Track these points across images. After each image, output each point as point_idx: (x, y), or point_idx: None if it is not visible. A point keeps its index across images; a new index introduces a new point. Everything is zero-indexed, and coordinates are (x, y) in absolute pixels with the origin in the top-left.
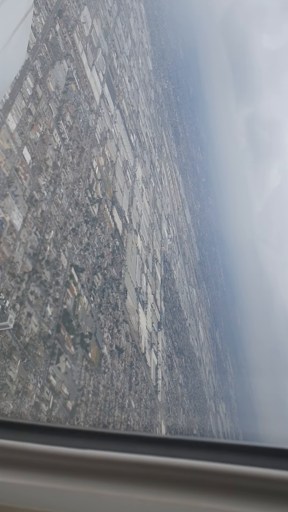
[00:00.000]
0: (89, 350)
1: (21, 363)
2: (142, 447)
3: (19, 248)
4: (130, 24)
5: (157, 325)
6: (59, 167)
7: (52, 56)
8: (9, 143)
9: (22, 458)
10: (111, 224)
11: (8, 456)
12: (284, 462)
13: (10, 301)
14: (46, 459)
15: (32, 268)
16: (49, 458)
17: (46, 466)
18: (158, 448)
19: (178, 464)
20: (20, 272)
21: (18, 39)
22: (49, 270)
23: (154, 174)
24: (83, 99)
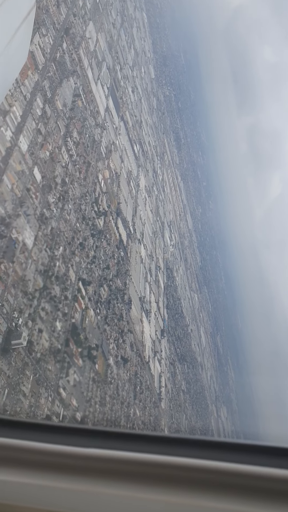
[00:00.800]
0: (96, 362)
1: (33, 378)
2: (144, 446)
3: (30, 266)
4: (133, 35)
5: (160, 333)
6: (67, 184)
7: (59, 75)
8: (21, 164)
9: (24, 456)
10: (116, 235)
11: (11, 455)
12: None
13: (23, 319)
14: (49, 458)
15: (43, 285)
16: (51, 457)
17: (48, 465)
18: (161, 447)
19: (181, 462)
20: (32, 290)
21: (21, 37)
22: (58, 285)
23: (156, 182)
24: (89, 114)
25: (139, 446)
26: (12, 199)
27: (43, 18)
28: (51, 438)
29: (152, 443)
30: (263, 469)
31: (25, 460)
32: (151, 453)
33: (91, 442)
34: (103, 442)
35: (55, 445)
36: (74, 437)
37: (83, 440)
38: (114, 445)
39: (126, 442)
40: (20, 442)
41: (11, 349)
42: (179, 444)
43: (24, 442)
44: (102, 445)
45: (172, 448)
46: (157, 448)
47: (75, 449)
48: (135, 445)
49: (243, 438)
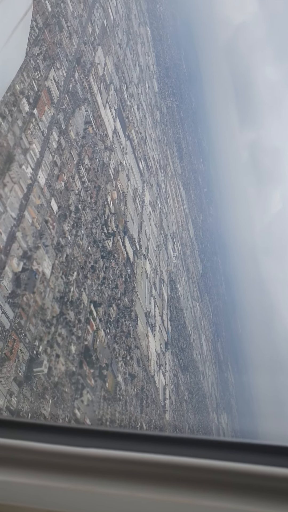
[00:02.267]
0: (106, 380)
1: (52, 402)
2: (144, 446)
3: (48, 294)
4: (137, 51)
5: (164, 345)
6: (80, 210)
7: (72, 105)
8: (40, 198)
9: (24, 457)
10: (124, 254)
11: (11, 455)
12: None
13: (43, 346)
14: (48, 458)
15: (59, 311)
16: (51, 457)
17: (48, 465)
18: (160, 447)
19: (181, 462)
20: (50, 317)
21: (18, 37)
22: (72, 310)
23: (160, 196)
24: (99, 138)
25: (139, 445)
26: (32, 232)
27: (57, 52)
28: (50, 438)
29: (151, 443)
30: (264, 468)
31: (25, 460)
32: (150, 452)
33: (91, 442)
34: (103, 442)
35: (55, 445)
36: (74, 437)
37: (82, 440)
38: (114, 445)
39: (126, 442)
40: (20, 443)
41: (33, 375)
42: (179, 444)
43: (24, 442)
44: (102, 445)
45: (171, 448)
46: (157, 448)
47: (75, 449)
48: (135, 445)
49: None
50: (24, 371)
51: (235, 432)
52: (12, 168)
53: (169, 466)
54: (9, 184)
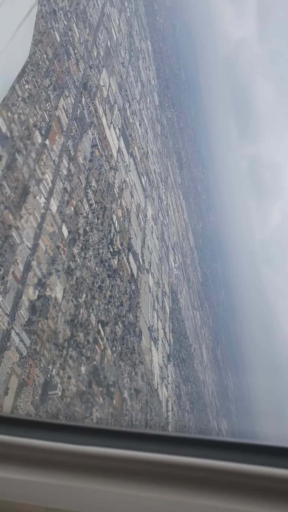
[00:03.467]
0: (113, 397)
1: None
2: (144, 445)
3: (60, 319)
4: (139, 67)
5: (167, 358)
6: (88, 232)
7: (80, 130)
8: (52, 226)
9: (23, 454)
10: (128, 270)
11: (10, 452)
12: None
13: (56, 369)
14: (48, 455)
15: (70, 334)
16: (50, 454)
17: (47, 462)
18: (160, 445)
19: (180, 461)
20: (62, 341)
21: (23, 35)
22: (82, 331)
23: (161, 208)
24: (104, 160)
25: (138, 444)
26: (46, 260)
27: (66, 80)
28: (50, 436)
29: (151, 442)
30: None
31: (24, 457)
32: (149, 451)
33: (90, 440)
34: (102, 440)
35: (54, 443)
36: (73, 435)
37: (82, 438)
38: (113, 443)
39: (125, 440)
40: (19, 440)
41: (48, 398)
42: (178, 443)
43: (23, 439)
44: (101, 443)
45: (171, 447)
46: (156, 447)
47: (74, 447)
48: (134, 443)
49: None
50: (40, 395)
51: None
52: (27, 200)
53: (168, 465)
54: (25, 215)
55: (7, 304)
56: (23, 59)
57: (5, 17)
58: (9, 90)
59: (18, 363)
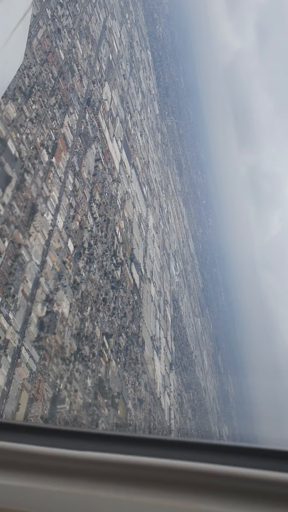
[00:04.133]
0: (118, 408)
1: None
2: (141, 449)
3: (67, 333)
4: (140, 77)
5: (169, 367)
6: (92, 246)
7: (84, 146)
8: (59, 242)
9: (20, 460)
10: (131, 281)
11: (6, 458)
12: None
13: (63, 383)
14: (45, 461)
15: (77, 348)
16: (47, 460)
17: (44, 468)
18: (158, 450)
19: (179, 466)
20: (69, 355)
21: (17, 38)
22: (87, 344)
23: (162, 216)
24: (107, 173)
25: (136, 449)
26: (53, 276)
27: (70, 97)
28: (46, 441)
29: (149, 446)
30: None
31: (20, 463)
32: (148, 456)
33: (87, 445)
34: (99, 445)
35: (51, 448)
36: (70, 439)
37: (78, 443)
38: (110, 448)
39: (123, 445)
40: (15, 446)
41: (56, 412)
42: (177, 447)
43: (19, 445)
44: (98, 448)
45: (169, 451)
46: (155, 451)
47: (71, 452)
48: (132, 448)
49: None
50: (49, 409)
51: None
52: (36, 218)
53: (167, 470)
54: (34, 233)
55: (17, 321)
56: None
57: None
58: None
59: (28, 379)
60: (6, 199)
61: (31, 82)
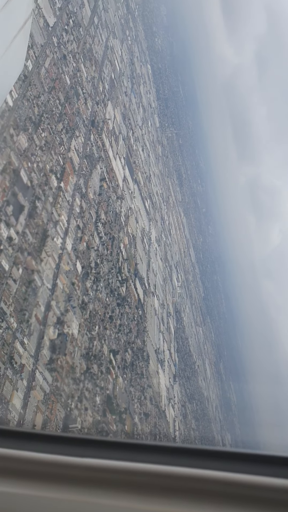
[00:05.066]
0: (125, 423)
1: None
2: (140, 455)
3: (77, 353)
4: (140, 92)
5: (173, 379)
6: (99, 264)
7: (90, 167)
8: (68, 264)
9: (20, 467)
10: (135, 296)
11: (7, 465)
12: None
13: (74, 403)
14: (44, 468)
15: (86, 367)
16: (47, 467)
17: (44, 475)
18: (159, 457)
19: (180, 472)
20: (78, 374)
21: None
22: (96, 363)
23: (164, 229)
24: (112, 191)
25: (137, 455)
26: (63, 298)
27: (76, 121)
28: (46, 448)
29: (149, 453)
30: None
31: (20, 470)
32: (149, 462)
33: (86, 452)
34: (98, 452)
35: (51, 455)
36: (69, 446)
37: (78, 450)
38: (110, 454)
39: (122, 452)
40: (15, 452)
41: (68, 431)
42: (177, 454)
43: (19, 452)
44: (97, 454)
45: (170, 458)
46: (155, 458)
47: (71, 459)
48: (131, 455)
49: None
50: (61, 429)
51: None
52: (47, 243)
53: (167, 476)
54: (45, 258)
55: (31, 346)
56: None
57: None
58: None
59: (42, 401)
60: (19, 228)
61: (40, 111)
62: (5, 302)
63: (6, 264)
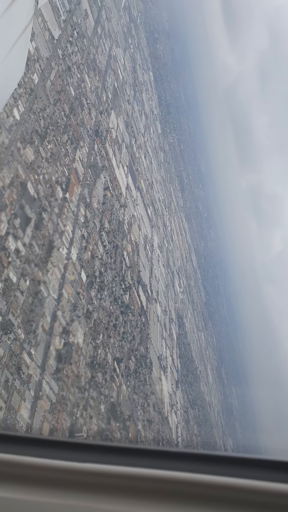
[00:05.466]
0: (129, 431)
1: None
2: (142, 461)
3: (82, 362)
4: (143, 100)
5: (175, 385)
6: (103, 273)
7: (94, 177)
8: (73, 274)
9: (20, 472)
10: (138, 303)
11: (7, 471)
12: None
13: (79, 411)
14: (44, 473)
15: (91, 376)
16: (47, 472)
17: (44, 480)
18: (160, 461)
19: (181, 477)
20: (84, 383)
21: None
22: (100, 371)
23: (166, 235)
24: (115, 199)
25: (137, 460)
26: (69, 308)
27: (81, 131)
28: (46, 453)
29: (151, 458)
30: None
31: (20, 475)
32: (150, 467)
33: (87, 457)
34: (99, 457)
35: (50, 460)
36: (70, 451)
37: (79, 455)
38: (110, 459)
39: (123, 457)
40: (15, 458)
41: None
42: (179, 459)
43: (19, 457)
44: (98, 459)
45: (171, 463)
46: (156, 463)
47: (71, 464)
48: (133, 460)
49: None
50: (67, 437)
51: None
52: (53, 254)
53: (169, 482)
54: (51, 269)
55: (38, 356)
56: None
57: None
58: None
59: (49, 410)
60: (26, 240)
61: (46, 123)
62: (13, 313)
63: (14, 276)
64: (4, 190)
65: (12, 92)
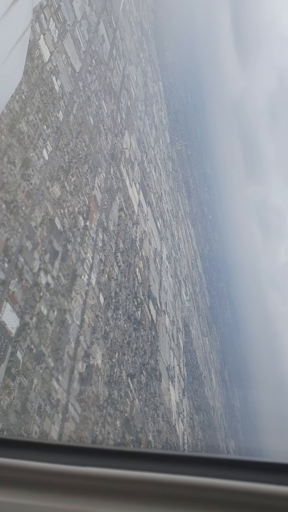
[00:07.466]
0: (141, 442)
1: None
2: (142, 464)
3: (100, 382)
4: (153, 112)
5: (182, 393)
6: (118, 293)
7: (110, 200)
8: (93, 299)
9: (20, 476)
10: (149, 318)
11: (7, 475)
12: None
13: (98, 429)
14: (45, 477)
15: (108, 394)
16: (47, 476)
17: (45, 485)
18: (159, 465)
19: (182, 481)
20: (102, 401)
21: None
22: (116, 388)
23: (174, 245)
24: (128, 218)
25: (138, 464)
26: (89, 332)
27: (98, 158)
28: (46, 457)
29: (151, 461)
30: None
31: (20, 480)
32: (151, 471)
33: (88, 461)
34: (100, 461)
35: (50, 464)
36: (70, 455)
37: (80, 459)
38: (111, 463)
39: (123, 460)
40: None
41: None
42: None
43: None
44: (99, 463)
45: (172, 466)
46: (158, 466)
47: (71, 468)
48: (133, 463)
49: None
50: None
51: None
52: (76, 282)
53: (169, 485)
54: (74, 297)
55: (64, 381)
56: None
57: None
58: (60, 188)
59: (74, 431)
60: (55, 273)
61: (70, 157)
62: (44, 344)
63: (45, 309)
64: (36, 229)
65: (41, 134)
